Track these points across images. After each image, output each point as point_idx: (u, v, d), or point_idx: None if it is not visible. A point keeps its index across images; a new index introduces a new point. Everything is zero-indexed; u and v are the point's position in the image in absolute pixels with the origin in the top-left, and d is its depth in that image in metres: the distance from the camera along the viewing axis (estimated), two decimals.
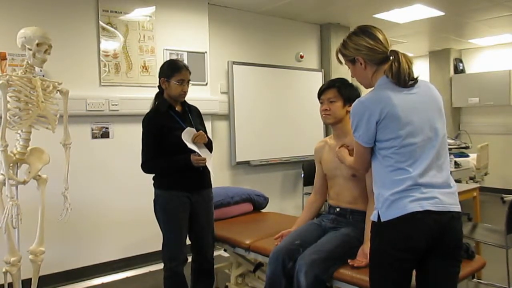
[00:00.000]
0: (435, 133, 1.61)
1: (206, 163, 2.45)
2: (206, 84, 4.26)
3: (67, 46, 3.42)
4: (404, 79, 1.60)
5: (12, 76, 2.35)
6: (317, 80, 5.26)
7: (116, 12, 3.69)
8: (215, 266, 2.77)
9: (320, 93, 2.28)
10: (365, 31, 1.69)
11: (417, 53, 7.40)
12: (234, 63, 4.55)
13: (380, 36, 1.67)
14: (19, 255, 2.42)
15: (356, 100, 1.67)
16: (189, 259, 2.61)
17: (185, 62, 3.83)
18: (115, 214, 3.68)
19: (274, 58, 4.96)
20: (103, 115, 3.61)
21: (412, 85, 1.63)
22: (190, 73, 2.52)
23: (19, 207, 2.35)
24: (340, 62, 1.80)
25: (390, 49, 1.66)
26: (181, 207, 2.48)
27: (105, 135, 3.66)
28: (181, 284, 2.51)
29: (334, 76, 5.17)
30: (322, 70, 5.43)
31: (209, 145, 2.57)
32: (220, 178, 4.38)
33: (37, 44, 2.34)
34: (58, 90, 2.54)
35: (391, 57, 1.64)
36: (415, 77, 1.64)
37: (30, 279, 2.53)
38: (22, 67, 2.43)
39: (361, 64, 1.69)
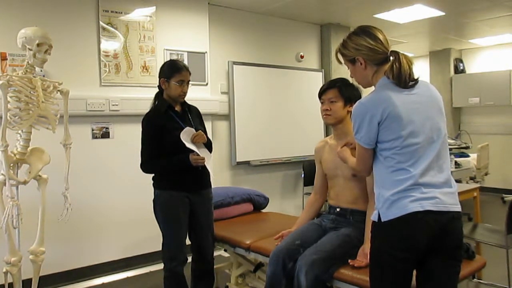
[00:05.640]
0: (437, 133, 1.61)
1: (205, 163, 2.45)
2: (206, 84, 4.26)
3: (68, 46, 3.42)
4: (405, 80, 1.60)
5: (13, 76, 2.35)
6: (317, 80, 5.26)
7: (116, 12, 3.69)
8: (215, 266, 2.77)
9: (321, 93, 2.28)
10: (366, 31, 1.68)
11: (417, 53, 7.39)
12: (234, 63, 4.55)
13: (381, 36, 1.67)
14: (19, 255, 2.42)
15: (357, 102, 1.66)
16: (189, 259, 2.61)
17: (185, 62, 3.85)
18: (116, 214, 3.69)
19: (274, 58, 4.96)
20: (104, 115, 3.61)
21: (413, 86, 1.63)
22: (190, 73, 2.52)
23: (19, 207, 2.35)
24: (340, 62, 1.80)
25: (390, 49, 1.66)
26: (181, 207, 2.48)
27: (105, 135, 3.66)
28: (181, 284, 2.51)
29: (334, 76, 5.17)
30: (322, 70, 5.43)
31: (208, 145, 2.56)
32: (221, 178, 4.38)
33: (38, 44, 2.34)
34: (58, 90, 2.54)
35: (391, 58, 1.64)
36: (415, 77, 1.64)
37: (31, 279, 2.53)
38: (23, 67, 2.43)
39: (361, 64, 1.69)
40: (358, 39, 1.68)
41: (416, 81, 1.64)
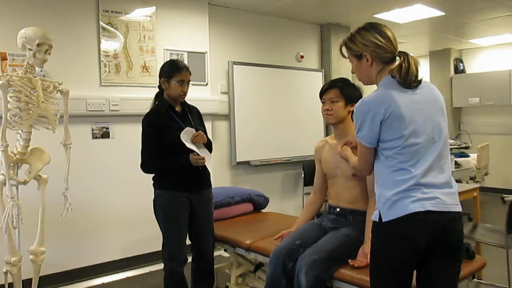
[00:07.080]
0: (438, 133, 1.61)
1: (206, 163, 2.45)
2: (207, 84, 4.26)
3: (68, 46, 3.42)
4: (410, 81, 1.60)
5: (13, 76, 2.35)
6: (317, 80, 5.26)
7: (116, 12, 3.69)
8: (215, 266, 2.77)
9: (322, 93, 2.28)
10: (376, 27, 1.67)
11: (417, 53, 7.39)
12: (234, 63, 4.55)
13: (390, 35, 1.66)
14: (19, 255, 2.42)
15: (360, 100, 1.65)
16: (189, 259, 2.61)
17: (185, 62, 3.84)
18: (116, 214, 3.69)
19: (274, 58, 4.96)
20: (104, 115, 3.61)
21: (416, 86, 1.62)
22: (190, 73, 2.52)
23: (19, 207, 2.35)
24: (344, 56, 1.77)
25: (398, 49, 1.65)
26: (181, 207, 2.48)
27: (105, 135, 3.66)
28: (181, 284, 2.51)
29: (334, 76, 5.18)
30: (322, 70, 5.43)
31: (208, 146, 2.57)
32: (220, 178, 4.38)
33: (38, 44, 2.34)
34: (58, 90, 2.54)
35: (400, 58, 1.63)
36: (419, 78, 1.63)
37: (31, 279, 2.53)
38: (23, 67, 2.43)
39: (367, 60, 1.67)
40: (368, 34, 1.66)
41: (419, 82, 1.63)
